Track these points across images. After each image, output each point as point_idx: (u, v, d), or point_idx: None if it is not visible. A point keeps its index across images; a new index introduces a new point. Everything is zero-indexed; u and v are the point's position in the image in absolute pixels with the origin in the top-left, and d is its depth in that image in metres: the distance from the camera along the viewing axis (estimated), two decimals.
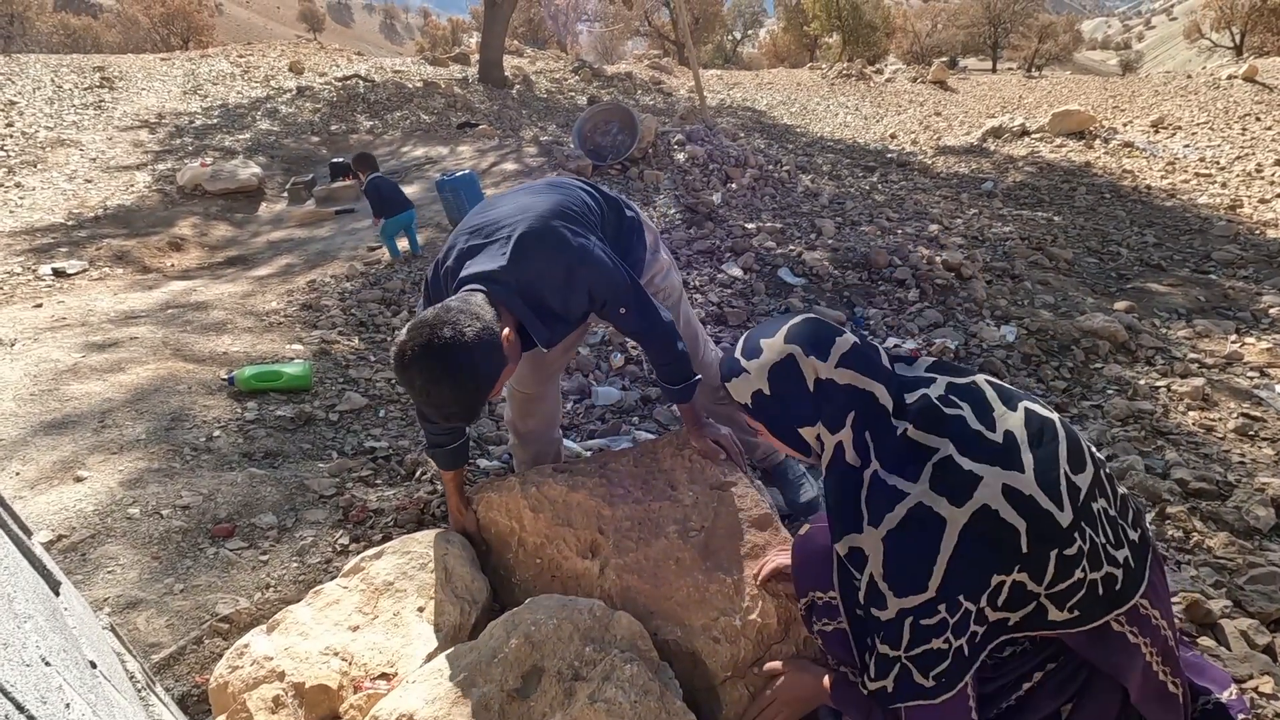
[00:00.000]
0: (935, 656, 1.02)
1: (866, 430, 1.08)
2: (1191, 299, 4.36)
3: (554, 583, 1.68)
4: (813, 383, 1.10)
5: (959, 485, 1.01)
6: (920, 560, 1.01)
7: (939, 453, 1.04)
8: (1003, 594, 1.01)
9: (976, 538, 0.99)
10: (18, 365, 2.94)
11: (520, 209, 1.56)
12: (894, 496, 1.03)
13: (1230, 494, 2.43)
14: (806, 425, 1.12)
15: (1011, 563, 1.00)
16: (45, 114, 9.12)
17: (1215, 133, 9.43)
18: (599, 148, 6.88)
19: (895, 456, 1.06)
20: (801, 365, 1.10)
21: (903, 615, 1.02)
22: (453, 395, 1.29)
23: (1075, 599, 1.02)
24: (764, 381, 1.12)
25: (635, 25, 27.60)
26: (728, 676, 1.40)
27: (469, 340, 1.28)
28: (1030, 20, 28.75)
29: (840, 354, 1.10)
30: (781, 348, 1.11)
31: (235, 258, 5.55)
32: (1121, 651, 1.06)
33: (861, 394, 1.09)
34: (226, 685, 1.38)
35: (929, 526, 1.00)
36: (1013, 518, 0.99)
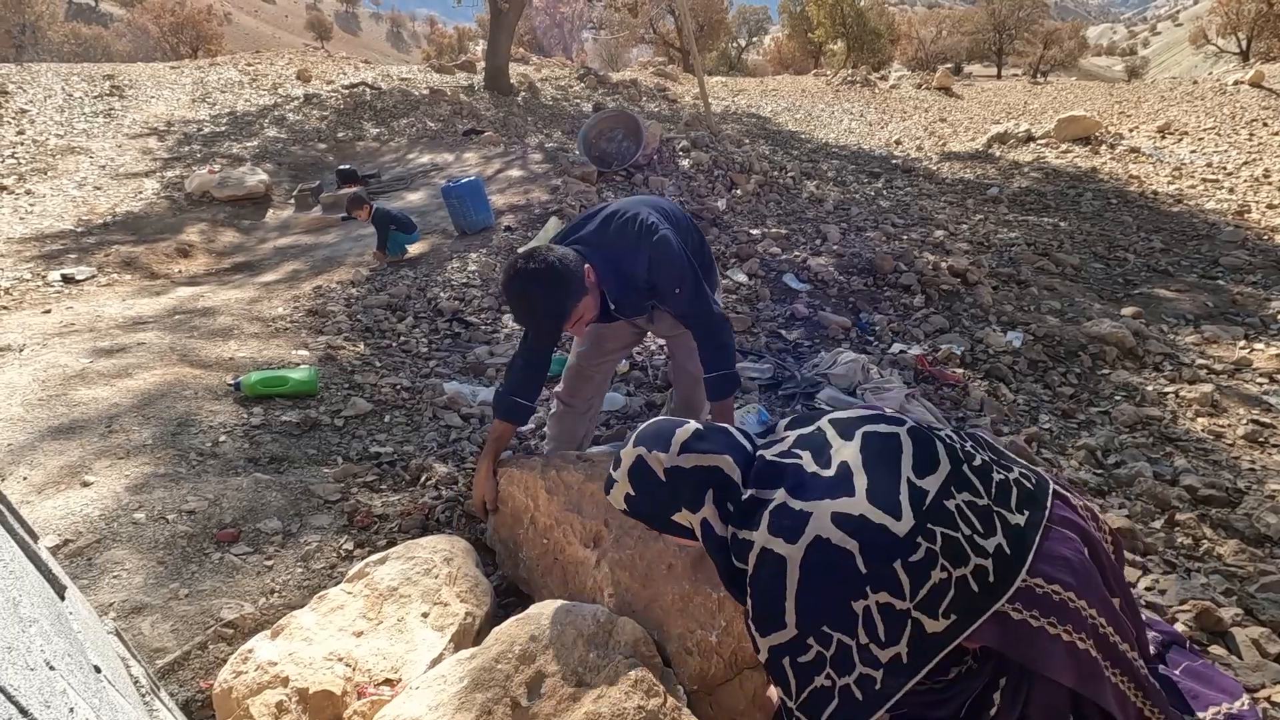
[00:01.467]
0: (822, 696, 1.05)
1: (727, 502, 1.19)
2: (1199, 305, 4.34)
3: (556, 565, 1.73)
4: (662, 473, 1.22)
5: (792, 525, 1.09)
6: (773, 599, 1.08)
7: (774, 501, 1.13)
8: (877, 623, 1.03)
9: (817, 568, 1.05)
10: (26, 370, 2.96)
11: (621, 201, 1.93)
12: (746, 547, 1.13)
13: (1240, 501, 2.41)
14: (675, 512, 1.23)
15: (861, 584, 1.03)
16: (56, 122, 9.21)
17: (1222, 138, 9.40)
18: (604, 154, 6.90)
19: (742, 515, 1.17)
20: (648, 461, 1.23)
21: (776, 654, 1.08)
22: (544, 296, 1.68)
23: (945, 603, 1.02)
24: (628, 485, 1.26)
25: (640, 33, 27.71)
26: (694, 690, 1.40)
27: (560, 264, 1.68)
28: (1035, 26, 28.73)
29: (680, 443, 1.23)
30: (631, 451, 1.26)
31: (242, 264, 5.58)
32: (1030, 641, 1.05)
33: (709, 470, 1.20)
34: (231, 691, 1.37)
35: (773, 566, 1.08)
36: (844, 541, 1.05)
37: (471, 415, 2.93)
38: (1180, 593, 1.86)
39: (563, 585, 1.71)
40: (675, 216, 1.96)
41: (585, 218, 1.93)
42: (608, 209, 1.88)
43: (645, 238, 1.81)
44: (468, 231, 5.48)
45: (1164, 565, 2.05)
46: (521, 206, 6.03)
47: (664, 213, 1.91)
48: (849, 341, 3.64)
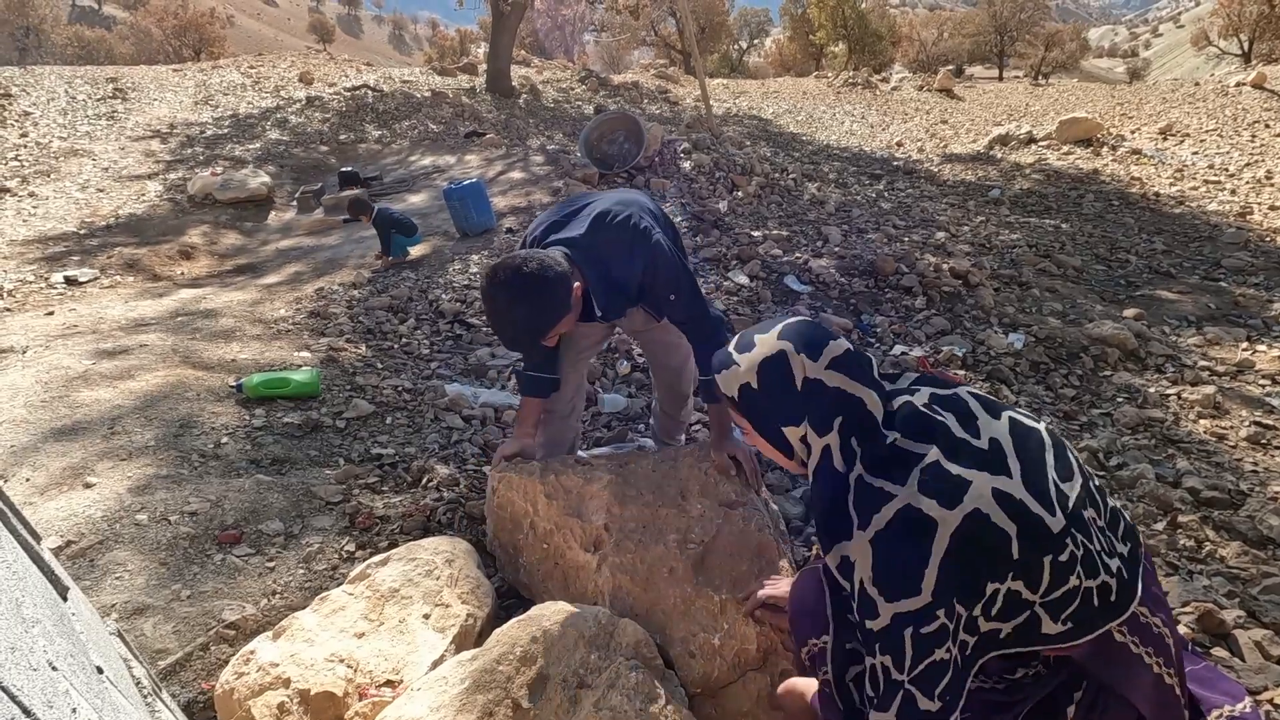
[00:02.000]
0: (938, 670, 0.98)
1: (853, 436, 1.07)
2: (1201, 306, 4.33)
3: (556, 569, 1.72)
4: (800, 381, 1.09)
5: (948, 489, 0.99)
6: (912, 563, 0.98)
7: (925, 458, 1.02)
8: (997, 603, 0.99)
9: (969, 542, 0.97)
10: (29, 372, 2.97)
11: (601, 199, 1.84)
12: (880, 498, 1.02)
13: (1243, 503, 2.40)
14: (791, 425, 1.11)
15: (1005, 569, 0.98)
16: (59, 124, 9.24)
17: (1224, 140, 9.39)
18: (606, 156, 6.91)
19: (881, 462, 1.05)
20: (791, 362, 1.09)
21: (899, 623, 0.98)
22: (526, 315, 1.56)
23: (1070, 609, 1.00)
24: (753, 375, 1.12)
25: (641, 35, 27.75)
26: (697, 693, 1.39)
27: (549, 275, 1.55)
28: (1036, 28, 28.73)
29: (831, 357, 1.09)
30: (774, 343, 1.11)
31: (244, 266, 5.59)
32: (1126, 664, 1.04)
33: (850, 399, 1.08)
34: (233, 692, 1.38)
35: (920, 528, 0.98)
36: (1004, 522, 0.98)
37: (473, 417, 2.94)
38: (1182, 595, 1.85)
39: (563, 590, 1.71)
40: (656, 213, 1.89)
41: (569, 213, 1.81)
42: (594, 207, 1.78)
43: (640, 243, 1.73)
44: (469, 233, 5.49)
45: (1166, 567, 2.05)
46: (523, 208, 6.04)
47: (650, 213, 1.84)
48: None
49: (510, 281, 1.53)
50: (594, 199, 1.83)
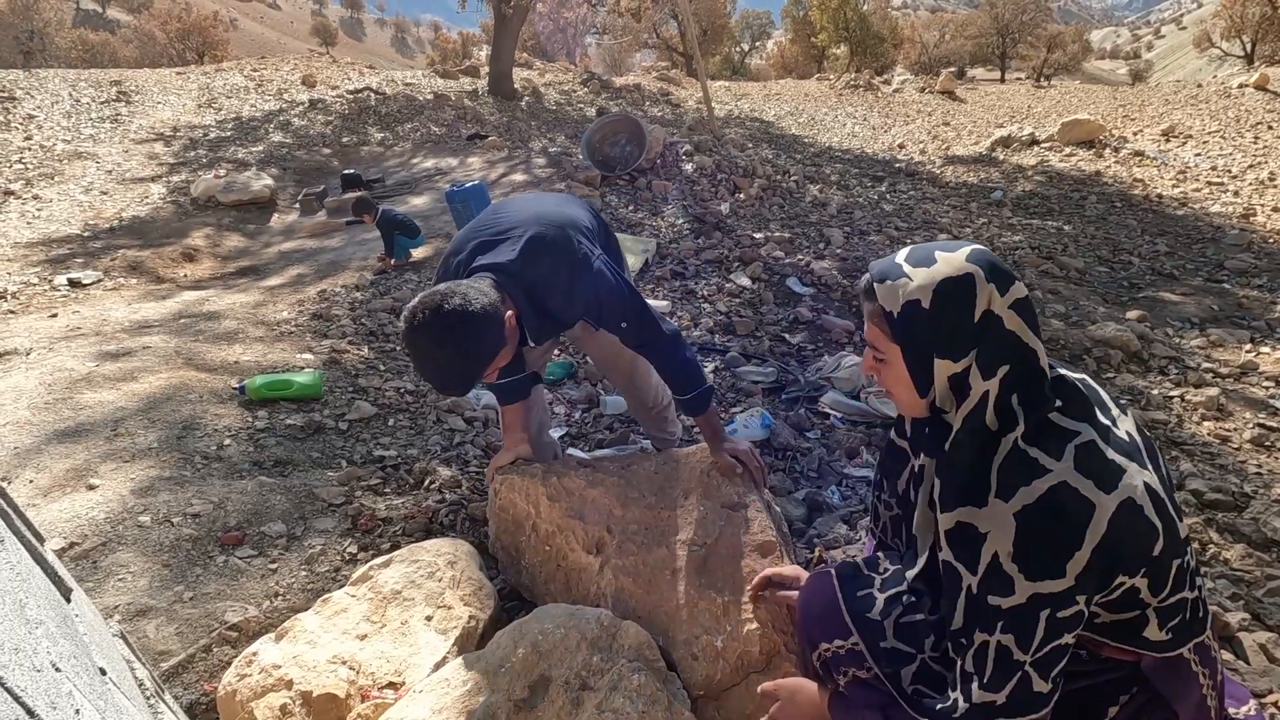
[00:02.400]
0: (1060, 654, 0.95)
1: (1016, 393, 0.98)
2: (1205, 308, 4.32)
3: (559, 572, 1.72)
4: (980, 313, 0.97)
5: (1105, 472, 0.94)
6: (1064, 543, 0.92)
7: (1080, 436, 0.96)
8: (1114, 594, 0.96)
9: (1123, 529, 0.93)
10: (33, 374, 2.97)
11: (534, 215, 1.66)
12: (1034, 470, 0.94)
13: (1247, 505, 2.39)
14: (949, 359, 0.99)
15: (1140, 565, 0.94)
16: (63, 127, 9.27)
17: (1227, 141, 9.38)
18: (607, 158, 6.92)
19: (1036, 429, 0.97)
20: (978, 289, 0.97)
21: (1037, 604, 0.92)
22: (453, 360, 1.37)
23: (1175, 620, 0.98)
24: (927, 294, 0.98)
25: (643, 38, 27.79)
26: (700, 695, 1.38)
27: (475, 311, 1.36)
28: (1038, 30, 28.73)
29: (1016, 297, 0.98)
30: (962, 264, 0.98)
31: (247, 268, 5.60)
32: (1185, 680, 1.04)
33: (1024, 349, 0.98)
34: (235, 693, 1.38)
35: (1076, 509, 0.92)
36: (1153, 516, 0.94)
37: (475, 419, 2.94)
38: None
39: (565, 592, 1.71)
40: (592, 228, 1.75)
41: (499, 231, 1.62)
42: (527, 229, 1.60)
43: (580, 274, 1.58)
44: None
45: None
46: None
47: (586, 230, 1.69)
48: (853, 345, 3.64)
49: (431, 323, 1.34)
50: (524, 214, 1.67)
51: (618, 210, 5.98)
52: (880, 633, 1.17)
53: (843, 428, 2.85)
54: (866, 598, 1.23)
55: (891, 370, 1.06)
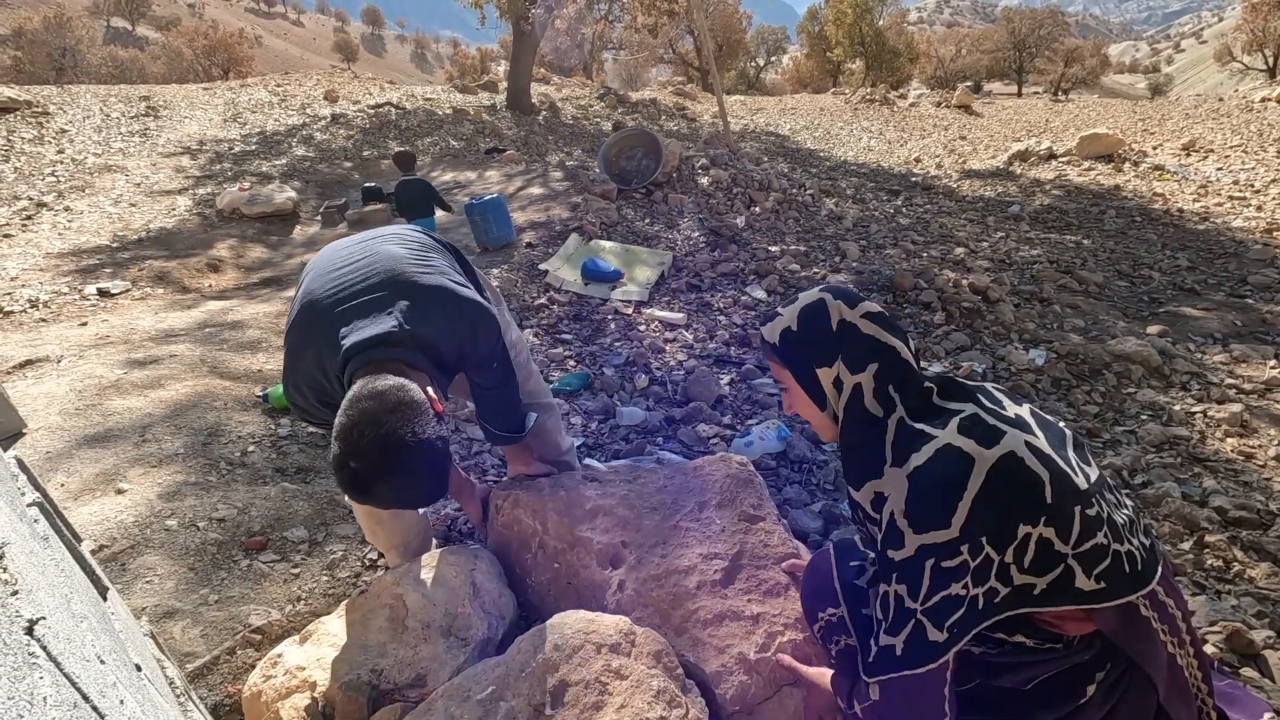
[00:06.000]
0: (952, 604, 1.03)
1: (890, 384, 1.16)
2: (1227, 323, 4.27)
3: (569, 589, 1.68)
4: (836, 323, 1.19)
5: (986, 434, 1.06)
6: (945, 496, 1.03)
7: (964, 412, 1.10)
8: (1029, 551, 1.01)
9: (1003, 478, 1.02)
10: (64, 381, 3.05)
11: (390, 263, 1.41)
12: (922, 439, 1.08)
13: (1272, 523, 2.36)
14: (825, 366, 1.19)
15: (1037, 513, 1.01)
16: (94, 141, 9.51)
17: (1249, 155, 9.28)
18: (624, 172, 6.98)
19: (920, 411, 1.13)
20: (829, 307, 1.20)
21: (923, 554, 1.04)
22: (425, 488, 1.23)
23: (1102, 567, 1.02)
24: (794, 320, 1.22)
25: (659, 53, 28.04)
26: (735, 711, 1.36)
27: (418, 435, 1.18)
28: (1056, 44, 28.65)
29: (865, 310, 1.20)
30: (815, 295, 1.24)
31: (270, 279, 5.70)
32: (1148, 640, 1.07)
33: (884, 347, 1.17)
34: (260, 694, 1.40)
35: (956, 463, 1.04)
36: (1037, 467, 1.03)
37: None
38: (1210, 614, 1.82)
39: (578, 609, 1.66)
40: (458, 266, 1.60)
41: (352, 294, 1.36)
42: (406, 277, 1.39)
43: (477, 321, 1.44)
44: (490, 248, 5.56)
45: (1193, 587, 2.02)
46: (542, 223, 6.11)
47: (457, 274, 1.52)
48: None
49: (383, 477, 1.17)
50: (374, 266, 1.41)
51: (634, 223, 6.03)
52: (864, 600, 1.31)
53: None
54: (857, 567, 1.36)
55: (795, 396, 1.26)
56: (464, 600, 1.60)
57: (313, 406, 1.44)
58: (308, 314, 1.38)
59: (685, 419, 3.00)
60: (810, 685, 1.37)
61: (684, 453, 2.74)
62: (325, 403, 1.40)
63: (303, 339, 1.38)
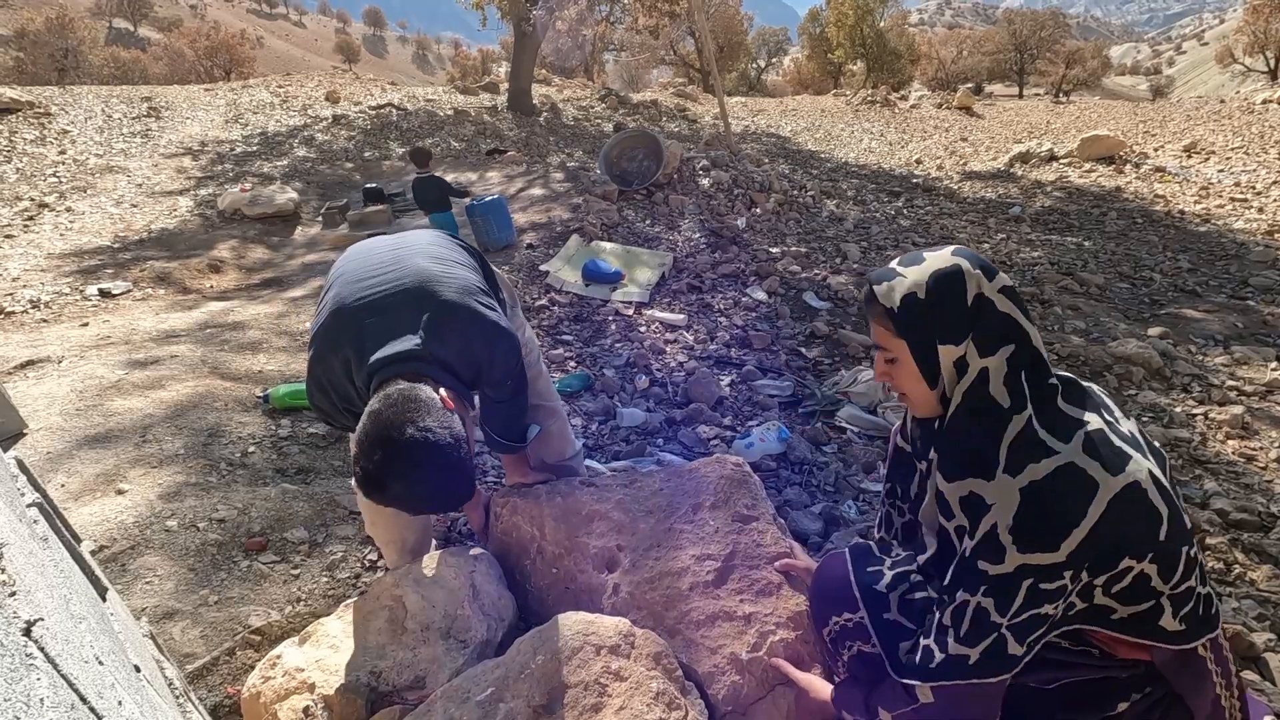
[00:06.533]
0: (1037, 623, 0.99)
1: (1023, 371, 1.04)
2: (1229, 325, 4.27)
3: (567, 594, 1.69)
4: (973, 297, 1.04)
5: (1112, 458, 0.98)
6: (1061, 520, 0.96)
7: (1088, 425, 1.01)
8: (1124, 581, 0.98)
9: (1125, 508, 0.96)
10: (65, 381, 3.05)
11: (417, 278, 1.42)
12: (1042, 451, 0.99)
13: (1273, 525, 2.36)
14: (951, 344, 1.05)
15: (1147, 549, 0.97)
16: (96, 142, 9.53)
17: (1250, 157, 9.28)
18: (625, 173, 6.98)
19: (1047, 414, 1.03)
20: (967, 277, 1.05)
21: (1023, 573, 0.97)
22: (443, 489, 1.23)
23: (1187, 609, 1.00)
24: (922, 286, 1.06)
25: (660, 54, 28.07)
26: (728, 711, 1.37)
27: (438, 437, 1.20)
28: (1057, 46, 28.67)
29: (1003, 284, 1.06)
30: (948, 259, 1.07)
31: (271, 279, 5.70)
32: (1200, 677, 1.06)
33: (1019, 329, 1.04)
34: (259, 695, 1.40)
35: (1079, 488, 0.97)
36: (1158, 502, 0.98)
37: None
38: None
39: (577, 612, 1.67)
40: (481, 273, 1.61)
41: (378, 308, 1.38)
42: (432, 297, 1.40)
43: (495, 342, 1.45)
44: (491, 249, 5.57)
45: None
46: (543, 224, 6.11)
47: (482, 288, 1.51)
48: (869, 360, 3.64)
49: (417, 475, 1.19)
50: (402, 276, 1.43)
51: (635, 224, 6.03)
52: (885, 605, 1.24)
53: (859, 442, 2.85)
54: (876, 573, 1.30)
55: (901, 368, 1.11)
56: (463, 602, 1.60)
57: (335, 410, 1.46)
58: (336, 320, 1.41)
59: (686, 420, 3.00)
60: (800, 690, 1.35)
61: (684, 454, 2.73)
62: (348, 408, 1.43)
63: (331, 345, 1.40)
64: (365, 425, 1.22)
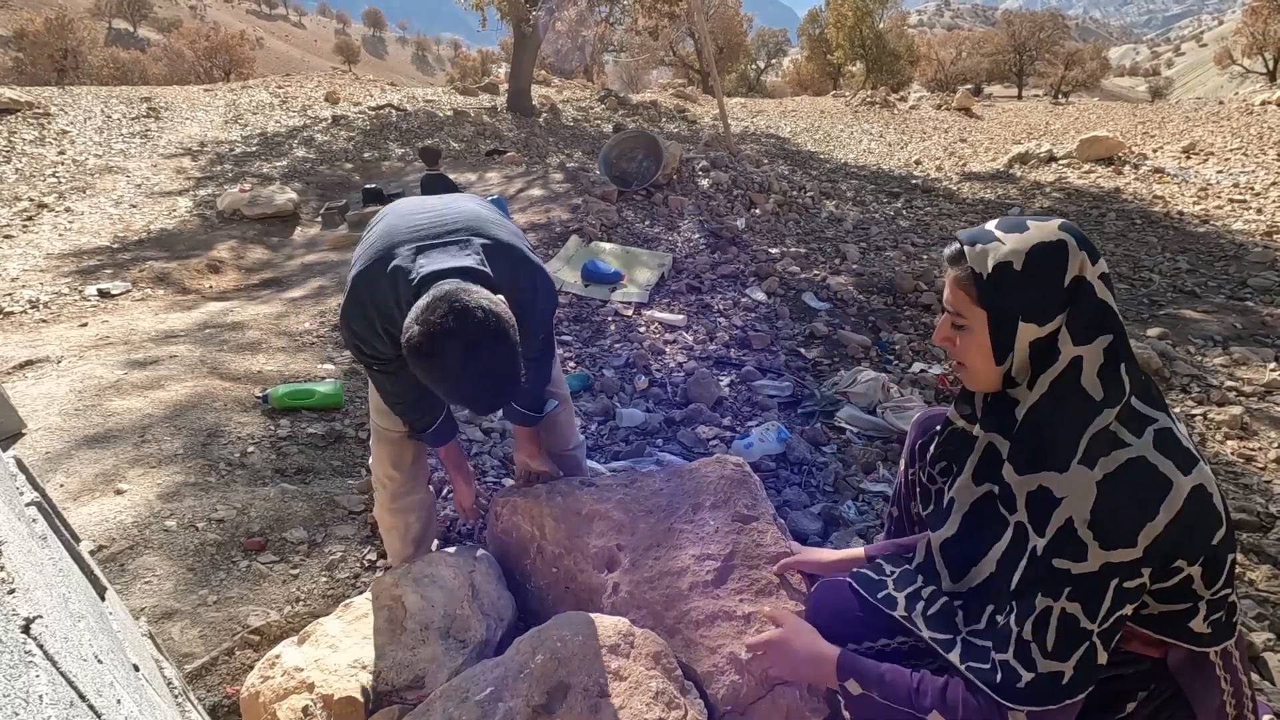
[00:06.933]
0: (1119, 626, 0.96)
1: (1123, 363, 0.98)
2: (1227, 326, 4.27)
3: (567, 594, 1.70)
4: (1070, 279, 0.98)
5: (1182, 456, 0.96)
6: (1141, 514, 0.93)
7: (1158, 422, 0.99)
8: (1170, 581, 0.97)
9: (1194, 510, 0.95)
10: (64, 381, 3.05)
11: (471, 215, 1.47)
12: (1115, 443, 0.96)
13: (1272, 526, 2.36)
14: (1034, 322, 1.00)
15: (1200, 553, 0.96)
16: (95, 142, 9.53)
17: (1249, 158, 9.28)
18: (624, 174, 6.98)
19: (1123, 408, 0.98)
20: (1070, 255, 0.98)
21: (1108, 572, 0.93)
22: (506, 371, 1.21)
23: (1217, 615, 1.00)
24: (1020, 256, 0.99)
25: (660, 55, 28.08)
26: (727, 710, 1.37)
27: (508, 320, 1.21)
28: (1056, 48, 28.71)
29: (1103, 270, 1.00)
30: (1054, 231, 1.00)
31: (270, 280, 5.70)
32: (1207, 683, 1.05)
33: (1116, 320, 0.99)
34: (258, 695, 1.40)
35: (1154, 483, 0.94)
36: (1220, 508, 0.97)
37: (493, 429, 2.97)
38: None
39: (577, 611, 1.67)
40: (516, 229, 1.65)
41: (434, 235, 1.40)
42: (471, 231, 1.42)
43: (540, 281, 1.50)
44: None
45: None
46: (543, 225, 6.11)
47: (517, 233, 1.57)
48: (869, 360, 3.64)
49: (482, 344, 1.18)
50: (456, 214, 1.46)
51: (634, 225, 6.03)
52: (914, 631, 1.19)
53: (859, 443, 2.85)
54: (887, 599, 1.25)
55: (972, 337, 1.05)
56: (462, 602, 1.60)
57: (370, 332, 1.43)
58: (387, 243, 1.40)
59: (685, 420, 3.00)
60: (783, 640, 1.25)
61: (684, 454, 2.73)
62: (388, 330, 1.41)
63: (380, 259, 1.38)
64: (426, 298, 1.20)
